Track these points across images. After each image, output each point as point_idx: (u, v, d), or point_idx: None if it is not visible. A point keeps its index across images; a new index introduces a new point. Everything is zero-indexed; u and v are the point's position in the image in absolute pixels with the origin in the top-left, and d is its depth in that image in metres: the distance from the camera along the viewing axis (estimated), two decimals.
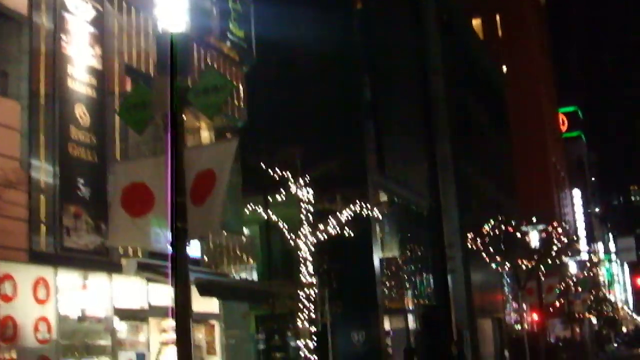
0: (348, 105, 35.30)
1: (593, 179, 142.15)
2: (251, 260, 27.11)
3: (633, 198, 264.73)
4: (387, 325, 37.27)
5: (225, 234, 24.83)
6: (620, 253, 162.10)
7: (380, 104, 38.05)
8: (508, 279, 53.98)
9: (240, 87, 26.65)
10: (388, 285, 36.49)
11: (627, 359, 71.70)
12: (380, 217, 30.11)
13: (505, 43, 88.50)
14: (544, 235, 50.74)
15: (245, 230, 27.17)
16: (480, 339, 48.39)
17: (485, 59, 64.28)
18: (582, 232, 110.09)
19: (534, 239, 49.17)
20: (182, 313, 11.17)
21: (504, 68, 76.67)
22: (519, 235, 47.38)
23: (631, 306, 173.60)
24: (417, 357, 37.10)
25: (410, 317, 39.69)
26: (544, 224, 51.08)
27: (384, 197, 37.32)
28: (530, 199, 74.14)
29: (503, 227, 44.79)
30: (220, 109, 15.53)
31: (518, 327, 48.09)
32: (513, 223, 46.54)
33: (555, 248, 52.00)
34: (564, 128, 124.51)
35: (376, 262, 35.10)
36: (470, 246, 44.17)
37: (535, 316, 51.21)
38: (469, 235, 44.31)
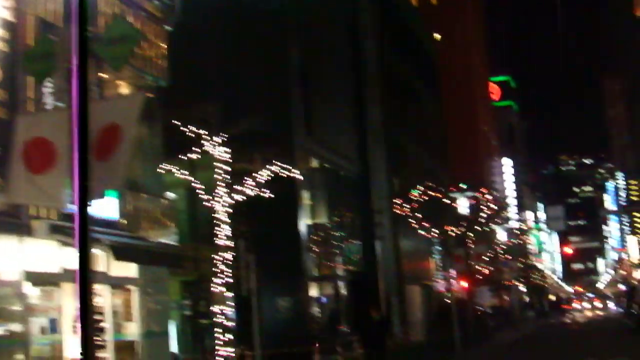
0: (276, 67, 34.65)
1: (524, 148, 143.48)
2: (172, 224, 26.40)
3: (563, 168, 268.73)
4: (316, 292, 36.94)
5: (145, 196, 24.09)
6: (549, 221, 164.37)
7: (309, 66, 37.45)
8: (437, 246, 53.87)
9: (163, 45, 25.87)
10: (316, 251, 36.08)
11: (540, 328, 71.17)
12: (307, 180, 29.50)
13: (438, 10, 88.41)
14: (472, 202, 50.80)
15: (168, 194, 26.45)
16: (408, 305, 48.27)
17: (417, 25, 63.87)
18: (511, 200, 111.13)
19: (462, 205, 49.17)
20: (84, 277, 10.49)
21: (437, 35, 76.45)
22: (447, 201, 47.27)
23: (560, 274, 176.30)
24: (341, 323, 36.77)
25: (339, 284, 39.34)
26: (473, 191, 51.13)
27: (312, 162, 36.81)
28: (461, 166, 74.33)
29: (432, 193, 44.52)
30: (127, 60, 14.71)
31: (447, 294, 48.00)
32: (442, 189, 46.36)
33: (484, 215, 52.11)
34: (495, 97, 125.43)
35: (302, 227, 34.65)
36: (399, 212, 43.77)
37: (463, 283, 51.20)
38: (398, 201, 43.90)
